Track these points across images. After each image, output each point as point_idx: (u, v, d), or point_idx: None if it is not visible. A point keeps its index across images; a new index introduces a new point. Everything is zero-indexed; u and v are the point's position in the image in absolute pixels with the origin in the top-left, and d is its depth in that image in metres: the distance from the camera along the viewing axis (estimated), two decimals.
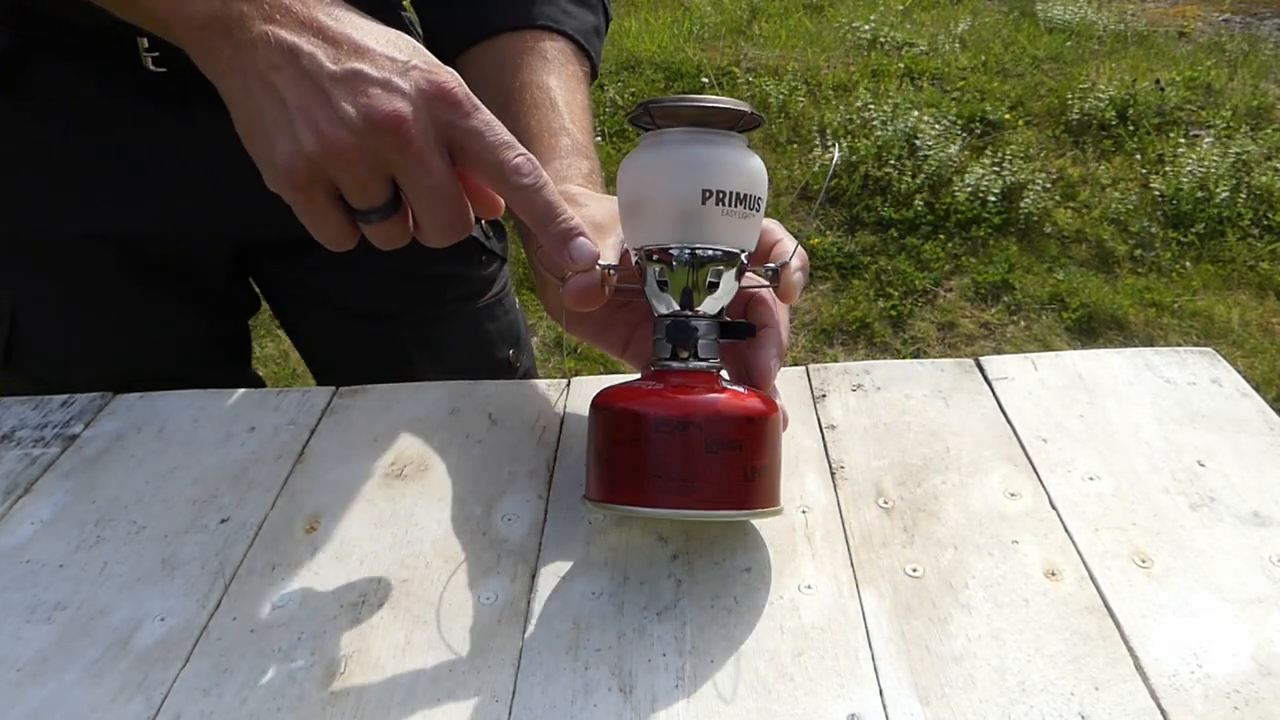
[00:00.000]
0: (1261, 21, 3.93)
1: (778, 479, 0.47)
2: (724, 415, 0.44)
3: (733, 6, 3.93)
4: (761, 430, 0.45)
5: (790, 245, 0.49)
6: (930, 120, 2.90)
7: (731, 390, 0.46)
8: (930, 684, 0.41)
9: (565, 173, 0.56)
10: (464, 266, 0.80)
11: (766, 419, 0.45)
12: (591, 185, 0.57)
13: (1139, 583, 0.46)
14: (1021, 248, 2.60)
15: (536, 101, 0.61)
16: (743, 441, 0.44)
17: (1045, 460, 0.54)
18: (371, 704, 0.41)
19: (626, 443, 0.45)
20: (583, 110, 0.62)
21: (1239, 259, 2.54)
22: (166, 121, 0.67)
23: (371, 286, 0.78)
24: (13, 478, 0.56)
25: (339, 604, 0.47)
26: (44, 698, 0.42)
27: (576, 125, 0.60)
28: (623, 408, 0.45)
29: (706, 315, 0.47)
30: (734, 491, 0.45)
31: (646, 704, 0.41)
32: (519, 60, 0.63)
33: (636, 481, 0.45)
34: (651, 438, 0.44)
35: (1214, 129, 2.95)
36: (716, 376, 0.47)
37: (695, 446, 0.44)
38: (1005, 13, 3.91)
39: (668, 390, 0.45)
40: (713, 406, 0.44)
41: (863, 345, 2.34)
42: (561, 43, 0.65)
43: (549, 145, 0.58)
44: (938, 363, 0.63)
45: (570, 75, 0.64)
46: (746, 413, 0.45)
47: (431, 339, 0.80)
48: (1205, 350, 0.63)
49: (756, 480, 0.45)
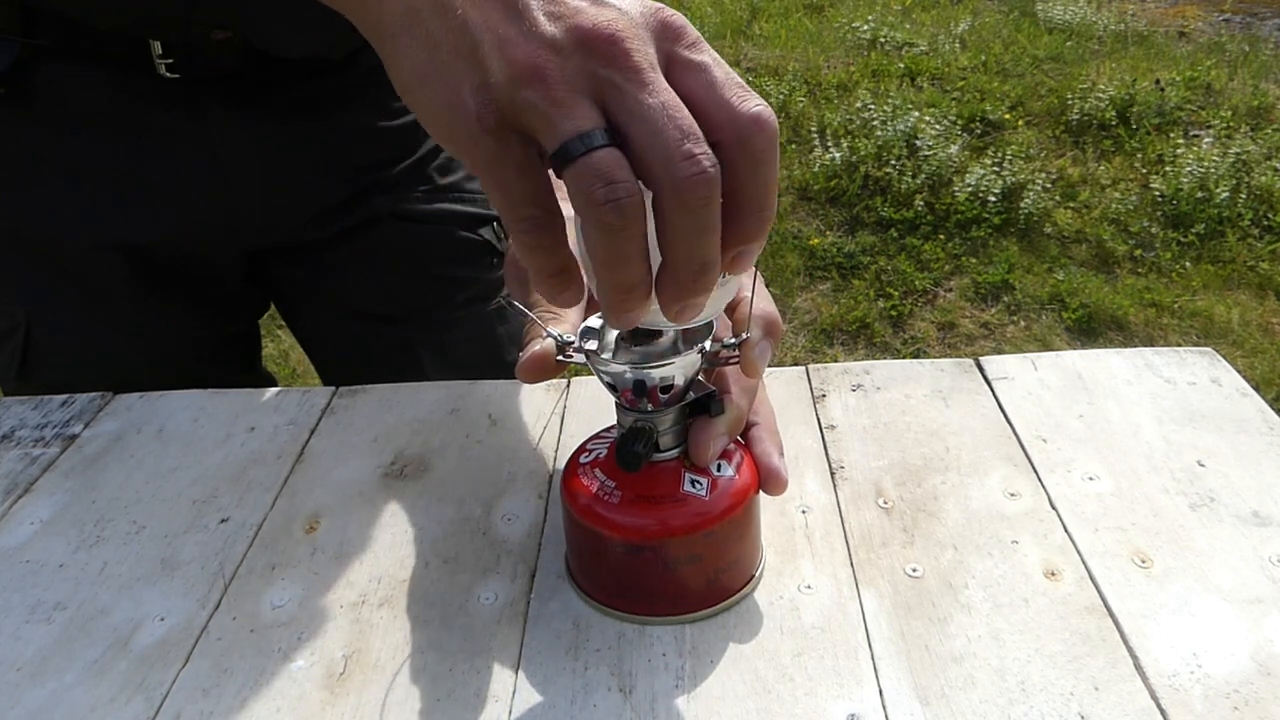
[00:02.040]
0: (1261, 21, 3.93)
1: (753, 552, 0.46)
2: (679, 536, 0.42)
3: (733, 6, 3.93)
4: (724, 537, 0.43)
5: (756, 306, 0.42)
6: (930, 120, 2.90)
7: (692, 493, 0.42)
8: (930, 684, 0.41)
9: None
10: (475, 269, 0.80)
11: (730, 519, 0.43)
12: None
13: (1139, 583, 0.46)
14: (1021, 248, 2.60)
15: None
16: (703, 554, 0.43)
17: (1045, 460, 0.54)
18: (371, 704, 0.41)
19: (587, 552, 0.45)
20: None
21: (1239, 259, 2.54)
22: (180, 126, 0.67)
23: (384, 288, 0.78)
24: (13, 478, 0.56)
25: (339, 604, 0.47)
26: (44, 698, 0.42)
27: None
28: (577, 518, 0.44)
29: (664, 410, 0.42)
30: (696, 598, 0.44)
31: (646, 704, 0.41)
32: None
33: (600, 584, 0.45)
34: (607, 553, 0.44)
35: (1214, 129, 2.95)
36: (680, 470, 0.43)
37: (651, 567, 0.43)
38: (1005, 13, 3.91)
39: (624, 501, 0.43)
40: (667, 527, 0.42)
41: (863, 345, 2.34)
42: None
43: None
44: (938, 363, 0.63)
45: None
46: (706, 524, 0.42)
47: (442, 341, 0.80)
48: (1205, 350, 0.63)
49: (721, 579, 0.44)
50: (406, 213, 0.76)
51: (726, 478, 0.43)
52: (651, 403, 0.41)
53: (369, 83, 0.72)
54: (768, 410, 0.48)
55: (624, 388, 0.41)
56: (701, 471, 0.43)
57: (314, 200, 0.73)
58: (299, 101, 0.70)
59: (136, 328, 0.73)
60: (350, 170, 0.74)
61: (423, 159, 0.77)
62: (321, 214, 0.74)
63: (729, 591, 0.45)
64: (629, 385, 0.41)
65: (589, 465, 0.45)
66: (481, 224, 0.80)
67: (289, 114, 0.70)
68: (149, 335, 0.74)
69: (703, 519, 0.42)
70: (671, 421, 0.43)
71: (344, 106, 0.72)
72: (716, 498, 0.43)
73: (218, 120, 0.67)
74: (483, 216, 0.80)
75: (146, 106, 0.66)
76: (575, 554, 0.47)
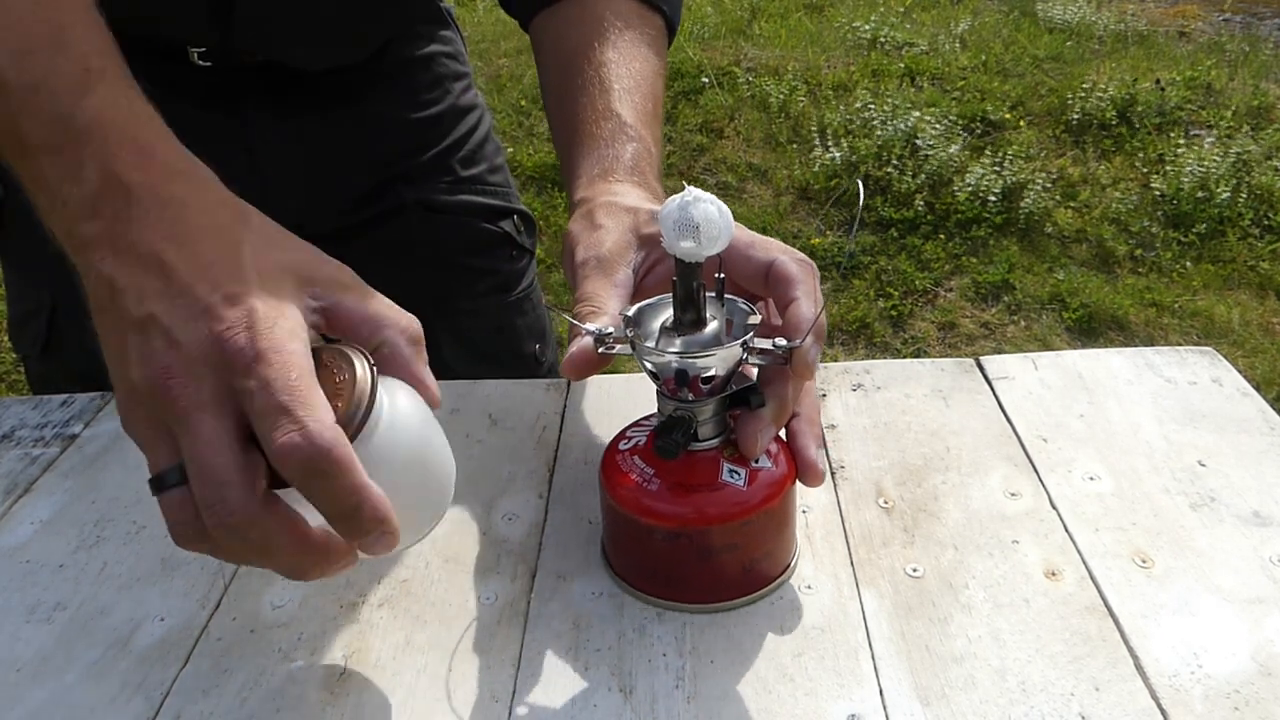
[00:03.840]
0: (1261, 21, 3.93)
1: (789, 543, 0.47)
2: (716, 525, 0.43)
3: (733, 6, 3.93)
4: (761, 526, 0.44)
5: (807, 310, 0.43)
6: (930, 120, 2.90)
7: (730, 482, 0.43)
8: (930, 684, 0.41)
9: (607, 166, 0.54)
10: (495, 260, 0.81)
11: (767, 509, 0.43)
12: (634, 175, 0.54)
13: (1139, 583, 0.46)
14: (1022, 248, 2.60)
15: (586, 82, 0.59)
16: (740, 543, 0.44)
17: (1045, 460, 0.54)
18: (371, 704, 0.41)
19: (624, 538, 0.46)
20: (640, 81, 0.59)
21: (1239, 259, 2.54)
22: (215, 121, 0.67)
23: (406, 277, 0.79)
24: (13, 478, 0.56)
25: (339, 604, 0.47)
26: (44, 698, 0.42)
27: (627, 103, 0.57)
28: (616, 505, 0.44)
29: (704, 400, 0.43)
30: (729, 587, 0.45)
31: (646, 704, 0.41)
32: (575, 32, 0.62)
33: (635, 568, 0.46)
34: (645, 540, 0.44)
35: (1214, 129, 2.95)
36: (718, 459, 0.43)
37: (687, 554, 0.43)
38: (1005, 13, 3.91)
39: (663, 489, 0.43)
40: (704, 515, 0.43)
41: (863, 345, 2.34)
42: (627, 2, 0.63)
43: (590, 134, 0.56)
44: (938, 362, 0.63)
45: (632, 41, 0.61)
46: (744, 513, 0.43)
47: (462, 330, 0.80)
48: (1205, 350, 0.63)
49: (757, 567, 0.45)
50: (430, 203, 0.76)
51: (765, 469, 0.44)
52: (693, 392, 0.42)
53: (397, 73, 0.73)
54: (811, 402, 0.48)
55: (666, 376, 0.42)
56: (740, 461, 0.44)
57: (344, 191, 0.74)
58: (330, 94, 0.71)
59: None
60: (379, 160, 0.75)
61: (447, 149, 0.78)
62: (349, 204, 0.74)
63: (765, 580, 0.45)
64: (671, 374, 0.41)
65: (628, 453, 0.45)
66: (502, 216, 0.80)
67: (321, 106, 0.71)
68: None
69: (741, 508, 0.43)
70: (711, 412, 0.43)
71: (373, 96, 0.73)
72: (755, 488, 0.43)
73: (253, 115, 0.68)
74: (503, 209, 0.81)
75: (182, 103, 0.67)
76: (612, 540, 0.47)
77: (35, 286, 0.73)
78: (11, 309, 0.77)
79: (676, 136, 3.06)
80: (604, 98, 0.57)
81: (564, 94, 0.59)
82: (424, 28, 0.77)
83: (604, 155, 0.55)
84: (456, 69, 0.80)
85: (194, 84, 0.66)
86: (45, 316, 0.73)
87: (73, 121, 0.41)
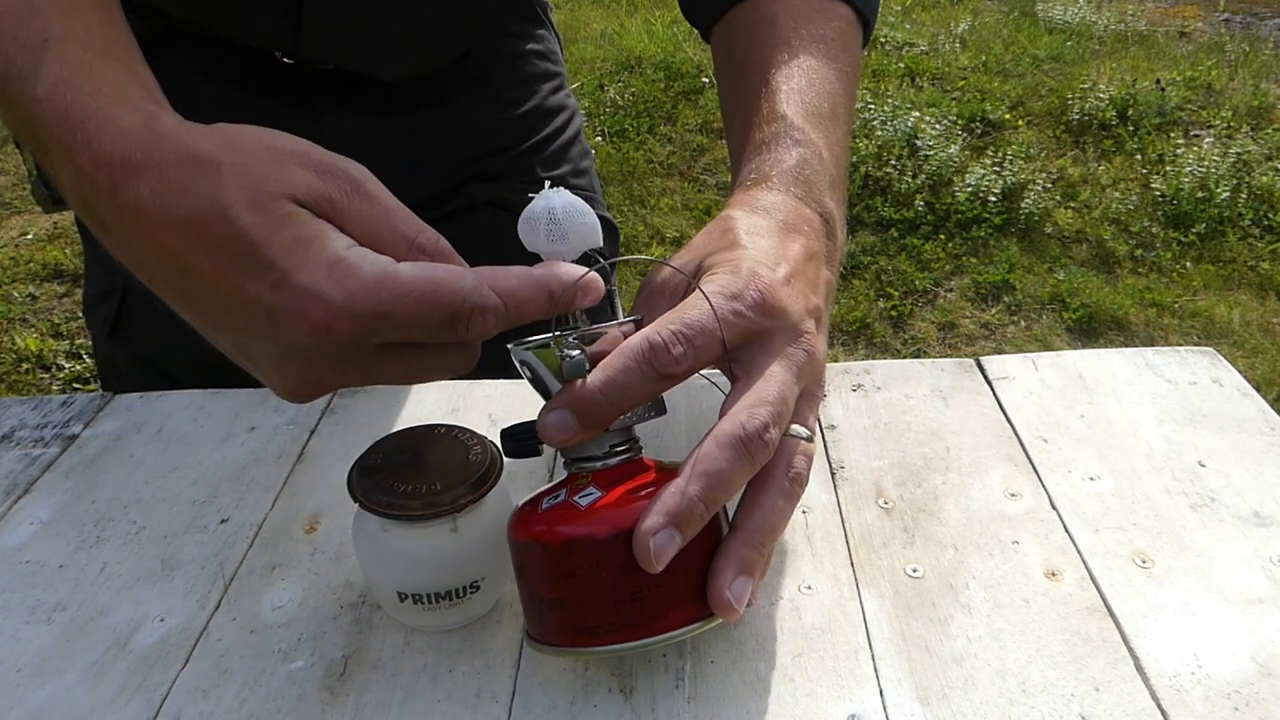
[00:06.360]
0: (1262, 21, 3.93)
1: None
2: (557, 541, 0.39)
3: None
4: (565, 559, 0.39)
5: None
6: (930, 120, 2.90)
7: (575, 503, 0.40)
8: (930, 685, 0.41)
9: (765, 172, 0.50)
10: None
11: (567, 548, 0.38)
12: (795, 183, 0.49)
13: (1139, 583, 0.46)
14: (1022, 248, 2.60)
15: (753, 87, 0.55)
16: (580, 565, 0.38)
17: (1045, 460, 0.54)
18: (371, 704, 0.41)
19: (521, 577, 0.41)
20: (814, 80, 0.55)
21: (1239, 259, 2.54)
22: (294, 116, 0.67)
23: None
24: (13, 478, 0.56)
25: (339, 604, 0.47)
26: (44, 698, 0.42)
27: (795, 103, 0.53)
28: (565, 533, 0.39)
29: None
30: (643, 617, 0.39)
31: (646, 704, 0.41)
32: (745, 37, 0.58)
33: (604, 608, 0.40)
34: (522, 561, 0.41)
35: (1214, 129, 2.95)
36: (584, 478, 0.41)
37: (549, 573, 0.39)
38: (1005, 13, 3.91)
39: (598, 502, 0.40)
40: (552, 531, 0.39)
41: (863, 345, 2.34)
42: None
43: (750, 141, 0.52)
44: (938, 362, 0.63)
45: (809, 38, 0.57)
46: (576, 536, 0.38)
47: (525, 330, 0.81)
48: (1206, 350, 0.63)
49: (644, 599, 0.38)
50: (502, 201, 0.76)
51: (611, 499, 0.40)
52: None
53: (483, 74, 0.73)
54: (766, 511, 0.40)
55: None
56: (607, 484, 0.40)
57: (418, 188, 0.74)
58: (409, 96, 0.71)
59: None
60: (458, 160, 0.74)
61: (529, 150, 0.77)
62: (421, 201, 0.75)
63: (670, 612, 0.39)
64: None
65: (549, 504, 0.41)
66: None
67: (399, 108, 0.70)
68: None
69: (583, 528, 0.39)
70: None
71: (455, 99, 0.72)
72: (592, 515, 0.39)
73: (330, 116, 0.69)
74: None
75: (260, 97, 0.67)
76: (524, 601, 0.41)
77: (109, 269, 0.74)
78: (88, 288, 0.78)
79: (676, 137, 3.06)
80: (769, 100, 0.53)
81: (734, 105, 0.56)
82: (516, 26, 0.76)
83: (763, 161, 0.50)
84: (548, 69, 0.79)
85: (278, 81, 0.67)
86: (117, 298, 0.74)
87: (38, 108, 0.40)
